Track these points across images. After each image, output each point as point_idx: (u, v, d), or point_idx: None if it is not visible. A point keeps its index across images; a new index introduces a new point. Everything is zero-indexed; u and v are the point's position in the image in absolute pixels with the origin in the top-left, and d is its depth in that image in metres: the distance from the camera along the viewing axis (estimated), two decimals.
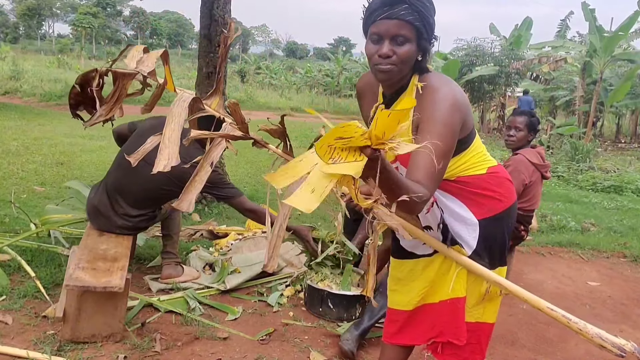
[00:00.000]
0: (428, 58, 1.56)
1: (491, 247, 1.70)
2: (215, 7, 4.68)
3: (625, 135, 19.35)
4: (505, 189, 1.72)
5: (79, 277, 2.36)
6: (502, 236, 1.73)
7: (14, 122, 9.48)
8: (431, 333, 1.76)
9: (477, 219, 1.67)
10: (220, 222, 4.42)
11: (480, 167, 1.67)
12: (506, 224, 1.74)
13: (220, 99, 1.59)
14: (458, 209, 1.67)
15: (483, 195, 1.67)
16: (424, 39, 1.48)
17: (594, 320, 3.25)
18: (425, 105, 1.49)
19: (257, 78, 28.21)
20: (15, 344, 2.34)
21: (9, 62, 19.42)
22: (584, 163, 9.77)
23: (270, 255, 1.41)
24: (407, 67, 1.52)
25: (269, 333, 2.68)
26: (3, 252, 3.09)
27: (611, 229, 5.50)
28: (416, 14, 1.44)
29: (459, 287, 1.70)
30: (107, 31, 59.93)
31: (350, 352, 2.48)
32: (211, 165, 1.47)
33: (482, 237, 1.68)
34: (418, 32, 1.46)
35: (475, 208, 1.68)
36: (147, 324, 2.63)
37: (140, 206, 2.88)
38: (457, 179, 1.65)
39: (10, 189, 4.81)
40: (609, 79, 15.54)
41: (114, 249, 2.70)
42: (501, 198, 1.70)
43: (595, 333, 1.55)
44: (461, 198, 1.67)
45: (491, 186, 1.68)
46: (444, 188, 1.65)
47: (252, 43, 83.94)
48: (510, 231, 1.77)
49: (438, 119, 1.47)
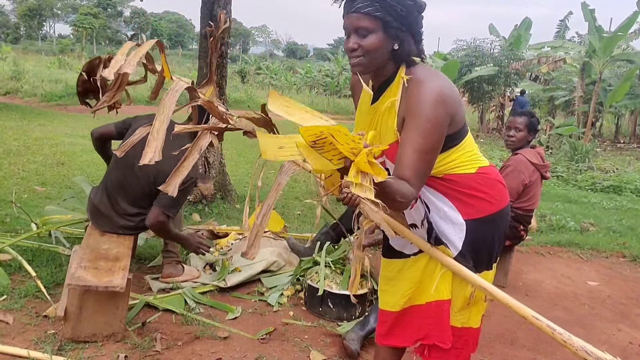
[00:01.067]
0: (409, 47, 1.51)
1: (478, 249, 1.64)
2: (216, 7, 4.69)
3: (624, 136, 19.36)
4: (496, 191, 1.65)
5: (80, 277, 2.37)
6: (491, 240, 1.68)
7: (15, 122, 9.49)
8: (418, 335, 1.73)
9: (464, 219, 1.62)
10: (221, 222, 4.43)
11: (470, 167, 1.61)
12: (497, 227, 1.68)
13: (214, 88, 1.64)
14: (445, 207, 1.62)
15: (471, 195, 1.61)
16: (392, 27, 1.45)
17: (593, 319, 3.27)
18: (410, 99, 1.47)
19: (257, 78, 28.21)
20: (16, 343, 2.35)
21: (10, 63, 19.42)
22: (583, 163, 9.78)
23: (251, 243, 1.44)
24: (379, 58, 1.50)
25: (269, 332, 2.69)
26: (4, 252, 3.10)
27: (610, 228, 5.51)
28: (377, 4, 1.43)
29: (444, 289, 1.66)
30: (108, 32, 59.93)
31: (356, 352, 2.50)
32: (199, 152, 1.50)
33: (469, 238, 1.62)
34: (383, 22, 1.44)
35: (462, 208, 1.62)
36: (148, 324, 2.64)
37: (139, 205, 2.88)
38: (444, 176, 1.60)
39: (11, 189, 4.82)
40: (608, 79, 15.54)
41: (116, 248, 2.71)
42: (491, 200, 1.64)
43: (580, 346, 1.50)
44: (449, 197, 1.62)
45: (480, 187, 1.62)
46: (431, 185, 1.61)
47: (252, 43, 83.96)
48: (501, 235, 1.71)
49: (422, 114, 1.44)
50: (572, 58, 14.95)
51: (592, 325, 3.17)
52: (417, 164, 1.44)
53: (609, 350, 2.84)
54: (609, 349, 2.85)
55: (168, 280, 3.08)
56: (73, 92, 15.48)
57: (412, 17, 1.48)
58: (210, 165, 4.81)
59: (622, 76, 14.51)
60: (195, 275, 3.19)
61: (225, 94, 4.93)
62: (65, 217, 3.48)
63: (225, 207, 4.86)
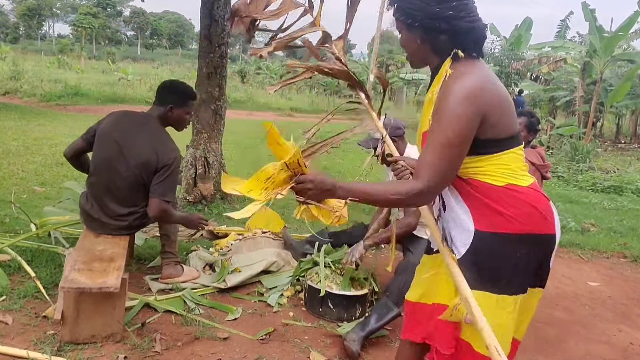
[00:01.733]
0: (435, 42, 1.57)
1: (479, 263, 1.53)
2: (216, 7, 4.68)
3: (625, 136, 19.36)
4: (522, 212, 1.52)
5: (74, 279, 2.34)
6: (503, 260, 1.53)
7: (14, 123, 9.49)
8: (424, 333, 1.71)
9: (475, 228, 1.54)
10: (221, 222, 4.42)
11: (499, 179, 1.53)
12: (515, 250, 1.53)
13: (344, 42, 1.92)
14: (460, 210, 1.57)
15: (489, 206, 1.53)
16: (412, 26, 1.58)
17: (594, 320, 3.26)
18: (442, 92, 1.51)
19: (257, 78, 28.20)
20: (15, 344, 2.34)
21: (9, 62, 19.45)
22: (584, 163, 9.77)
23: None
24: (414, 54, 1.64)
25: (269, 333, 2.68)
26: (3, 252, 3.09)
27: (611, 229, 5.51)
28: (398, 11, 1.60)
29: (446, 293, 1.61)
30: (107, 31, 59.96)
31: (356, 352, 2.49)
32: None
33: (473, 248, 1.54)
34: (405, 24, 1.59)
35: (477, 216, 1.54)
36: (147, 324, 2.63)
37: (128, 203, 2.87)
38: (469, 179, 1.55)
39: (10, 189, 4.81)
40: (609, 79, 15.54)
41: (111, 249, 2.70)
42: (511, 219, 1.51)
43: None
44: (468, 201, 1.56)
45: (502, 201, 1.52)
46: (455, 185, 1.58)
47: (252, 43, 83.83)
48: (521, 262, 1.53)
49: (448, 108, 1.46)
50: (572, 58, 14.95)
51: (593, 325, 3.16)
52: (432, 156, 1.45)
53: (610, 350, 2.84)
54: (609, 350, 2.85)
55: (168, 280, 3.07)
56: (72, 92, 15.51)
57: (427, 12, 1.53)
58: (210, 165, 4.80)
59: (623, 76, 14.50)
60: (195, 276, 3.18)
61: (225, 94, 4.93)
62: (62, 219, 3.48)
63: (225, 207, 4.85)
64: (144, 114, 2.98)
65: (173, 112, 2.94)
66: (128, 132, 2.86)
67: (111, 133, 2.86)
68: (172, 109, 2.93)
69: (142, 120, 2.93)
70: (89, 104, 14.60)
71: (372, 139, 2.91)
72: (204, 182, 4.78)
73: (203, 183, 4.77)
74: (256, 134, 11.27)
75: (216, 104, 4.81)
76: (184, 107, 2.97)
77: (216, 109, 4.82)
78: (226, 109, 4.98)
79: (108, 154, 2.85)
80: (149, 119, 2.93)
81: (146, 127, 2.89)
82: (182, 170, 4.82)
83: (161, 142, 2.87)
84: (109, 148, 2.85)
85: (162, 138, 2.90)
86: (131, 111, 3.05)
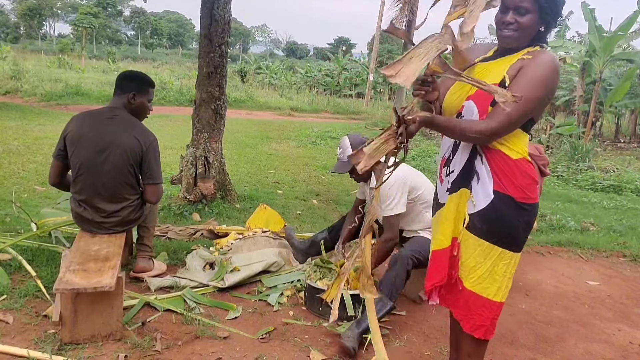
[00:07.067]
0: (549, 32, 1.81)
1: (496, 220, 1.80)
2: (216, 7, 4.69)
3: (624, 135, 19.33)
4: (526, 184, 1.79)
5: (69, 280, 2.34)
6: (514, 220, 1.81)
7: (15, 122, 9.50)
8: (438, 277, 1.94)
9: (493, 189, 1.79)
10: (221, 221, 4.44)
11: (514, 152, 1.78)
12: (515, 216, 1.81)
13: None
14: (485, 174, 1.81)
15: (504, 173, 1.79)
16: (546, 13, 1.75)
17: (593, 319, 3.26)
18: (532, 62, 1.71)
19: (257, 78, 28.24)
20: (16, 343, 2.35)
21: (10, 62, 19.45)
22: (584, 163, 9.77)
23: None
24: (527, 35, 1.77)
25: (269, 332, 2.68)
26: (4, 251, 3.10)
27: (610, 228, 5.51)
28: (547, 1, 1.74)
29: (444, 237, 1.90)
30: (108, 31, 59.94)
31: (352, 349, 2.50)
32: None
33: (492, 205, 1.79)
34: (539, 7, 1.73)
35: (496, 179, 1.80)
36: (148, 323, 2.63)
37: (118, 199, 2.88)
38: (492, 147, 1.79)
39: (11, 189, 4.82)
40: (609, 79, 15.53)
41: (106, 248, 2.70)
42: (517, 188, 1.78)
43: None
44: (491, 166, 1.80)
45: (513, 172, 1.78)
46: (486, 153, 1.80)
47: (252, 43, 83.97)
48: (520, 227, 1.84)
49: (540, 72, 1.69)
50: (572, 57, 14.95)
51: (592, 324, 3.17)
52: (504, 109, 1.62)
53: (609, 349, 2.85)
54: (609, 349, 2.86)
55: (140, 275, 3.12)
56: (73, 92, 15.51)
57: (559, 7, 1.78)
58: (210, 165, 4.81)
59: (622, 76, 14.50)
60: (163, 269, 3.27)
61: (225, 93, 4.93)
62: (60, 219, 3.49)
63: (225, 207, 4.86)
64: (108, 107, 2.98)
65: (136, 100, 2.97)
66: (102, 128, 2.85)
67: (84, 134, 2.85)
68: (135, 96, 2.96)
69: (110, 113, 2.94)
70: (89, 104, 14.59)
71: (345, 162, 2.96)
72: (204, 181, 4.78)
73: (203, 182, 4.78)
74: (256, 134, 11.29)
75: (216, 104, 4.82)
76: (145, 94, 3.02)
77: (216, 108, 4.83)
78: (226, 108, 4.99)
79: (87, 155, 2.83)
80: (115, 111, 2.95)
81: (117, 118, 2.91)
82: (183, 169, 4.84)
83: (137, 127, 2.93)
84: (87, 149, 2.83)
85: (136, 124, 2.96)
86: (93, 110, 3.05)
